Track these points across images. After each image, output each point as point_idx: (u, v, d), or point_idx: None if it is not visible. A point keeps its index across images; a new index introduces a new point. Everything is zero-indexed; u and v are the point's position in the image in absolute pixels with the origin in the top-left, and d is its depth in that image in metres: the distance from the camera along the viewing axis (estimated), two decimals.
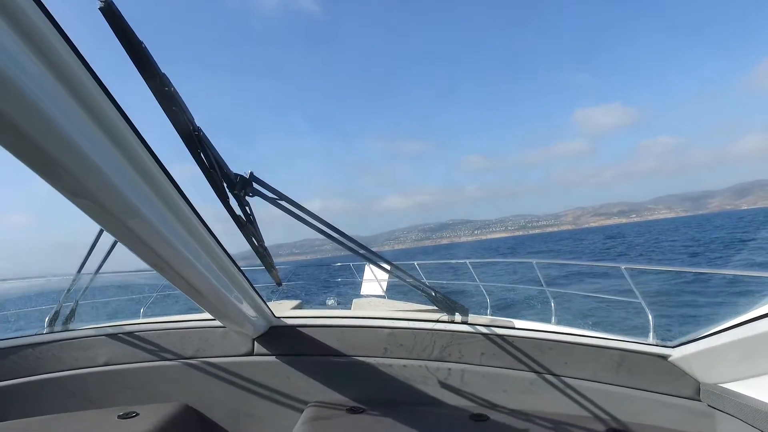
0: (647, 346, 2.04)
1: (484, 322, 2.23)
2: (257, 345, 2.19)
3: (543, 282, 5.83)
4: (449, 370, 2.13)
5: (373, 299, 7.42)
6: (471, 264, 7.15)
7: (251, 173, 1.36)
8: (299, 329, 2.23)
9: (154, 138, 1.05)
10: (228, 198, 1.34)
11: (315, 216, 1.56)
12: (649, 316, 3.93)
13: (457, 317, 2.21)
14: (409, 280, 2.05)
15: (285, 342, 2.21)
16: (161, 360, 2.17)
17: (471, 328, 2.17)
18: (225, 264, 1.66)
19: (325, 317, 2.31)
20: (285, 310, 2.44)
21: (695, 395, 1.91)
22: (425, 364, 2.15)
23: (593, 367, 2.04)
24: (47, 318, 2.44)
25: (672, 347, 1.98)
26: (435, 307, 2.29)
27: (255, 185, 1.37)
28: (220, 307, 1.75)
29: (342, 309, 6.35)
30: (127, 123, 0.96)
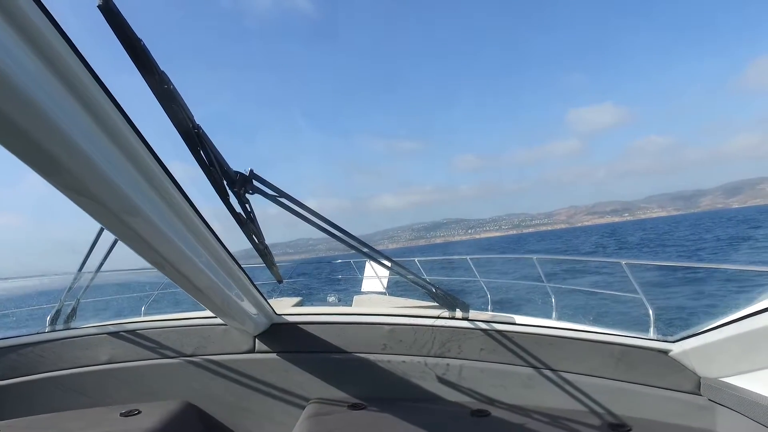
0: (648, 341, 2.04)
1: (484, 318, 2.24)
2: (258, 342, 2.20)
3: (543, 277, 5.84)
4: (450, 366, 2.13)
5: (374, 296, 7.43)
6: (471, 260, 7.16)
7: (251, 171, 1.36)
8: (300, 326, 2.23)
9: (153, 135, 1.05)
10: (228, 196, 1.34)
11: (315, 213, 1.56)
12: (650, 310, 3.94)
13: (458, 313, 2.21)
14: (410, 276, 2.06)
15: (286, 339, 2.21)
16: (163, 358, 2.17)
17: (472, 324, 2.18)
18: (225, 261, 1.67)
19: (326, 314, 2.31)
20: (286, 307, 2.44)
21: (696, 389, 1.92)
22: (426, 360, 2.15)
23: (594, 362, 2.04)
24: (49, 317, 2.45)
25: (672, 342, 1.98)
26: (436, 304, 2.29)
27: (255, 183, 1.37)
28: (221, 305, 1.75)
29: (343, 306, 6.35)
30: (127, 121, 0.96)
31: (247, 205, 1.43)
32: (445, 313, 2.24)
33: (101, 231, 2.49)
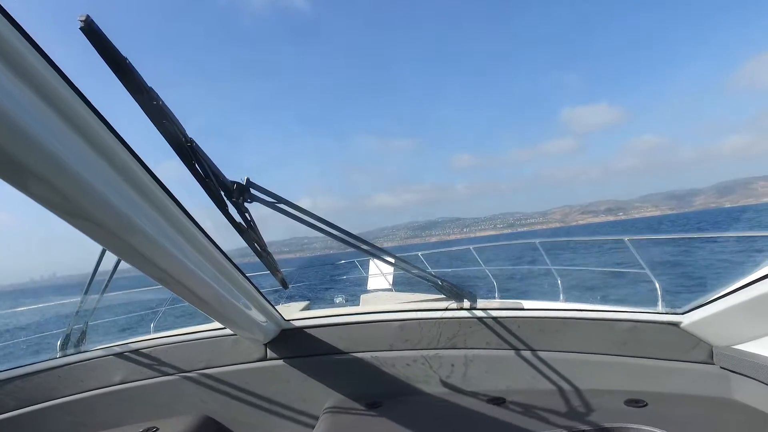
0: (657, 314, 2.04)
1: (492, 306, 2.24)
2: (269, 350, 2.20)
3: (548, 261, 5.84)
4: (462, 356, 2.14)
5: (381, 293, 7.44)
6: (474, 249, 7.16)
7: (248, 179, 1.36)
8: (310, 330, 2.23)
9: (148, 152, 1.05)
10: (227, 206, 1.33)
11: (315, 216, 1.56)
12: (657, 285, 3.94)
13: (466, 303, 2.21)
14: (415, 271, 2.05)
15: (297, 344, 2.21)
16: (176, 373, 2.18)
17: (480, 313, 2.18)
18: (230, 272, 1.66)
19: (335, 315, 2.31)
20: (294, 312, 2.44)
21: (708, 359, 1.92)
22: (438, 353, 2.15)
23: (605, 341, 2.05)
24: (59, 342, 2.44)
25: (682, 314, 1.98)
26: (443, 296, 2.29)
27: (252, 191, 1.37)
28: (229, 316, 1.75)
29: (350, 306, 6.36)
30: (118, 139, 0.96)
31: (247, 214, 1.43)
32: (453, 305, 2.24)
33: (103, 252, 2.49)
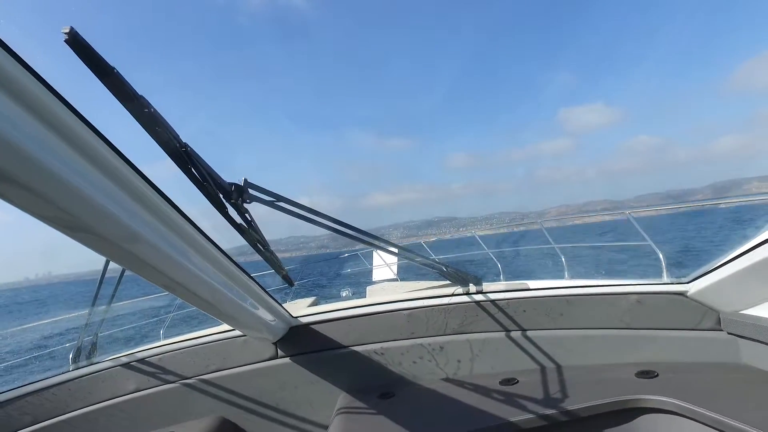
0: (663, 285, 2.05)
1: (498, 288, 2.24)
2: (279, 348, 2.21)
3: (550, 239, 5.85)
4: (471, 340, 2.15)
5: (386, 284, 7.47)
6: (479, 236, 7.18)
7: (245, 180, 1.36)
8: (318, 325, 2.24)
9: (142, 154, 1.04)
10: (226, 208, 1.33)
11: (315, 212, 1.56)
12: (660, 255, 3.95)
13: (472, 288, 2.22)
14: (419, 259, 2.06)
15: (306, 340, 2.22)
16: (189, 378, 2.19)
17: (487, 296, 2.19)
18: (234, 274, 1.67)
19: (342, 309, 2.32)
20: (301, 308, 2.45)
21: (716, 326, 1.93)
22: (447, 338, 2.17)
23: (613, 315, 2.05)
24: (71, 355, 2.46)
25: (687, 282, 1.99)
26: (448, 282, 2.30)
27: (250, 191, 1.37)
28: (236, 317, 1.76)
29: (357, 298, 6.39)
30: (112, 148, 0.95)
31: (247, 215, 1.43)
32: (459, 290, 2.25)
33: (107, 263, 2.50)
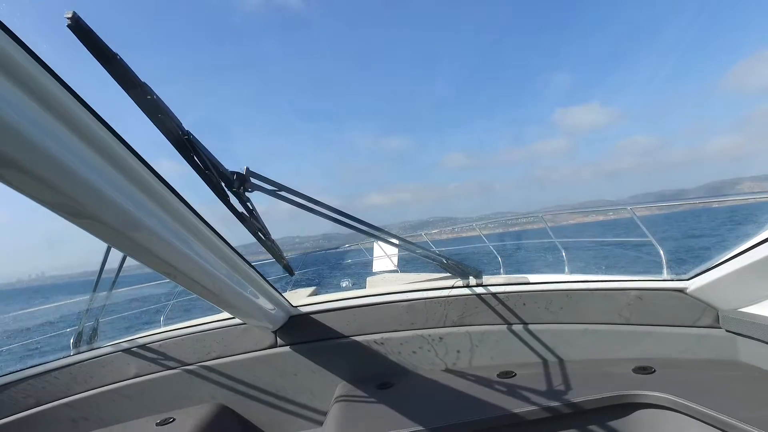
0: (662, 282, 2.05)
1: (498, 281, 2.25)
2: (279, 337, 2.22)
3: (551, 234, 5.85)
4: (470, 333, 2.16)
5: (387, 275, 7.48)
6: (479, 226, 7.18)
7: (247, 168, 1.36)
8: (318, 315, 2.25)
9: (146, 147, 1.04)
10: (228, 196, 1.34)
11: (317, 201, 1.56)
12: (661, 252, 3.94)
13: (472, 281, 2.23)
14: (420, 251, 2.06)
15: (305, 330, 2.24)
16: (188, 365, 2.21)
17: (486, 289, 2.19)
18: (235, 262, 1.67)
19: (342, 299, 2.33)
20: (301, 298, 2.46)
21: (715, 323, 1.93)
22: (446, 330, 2.18)
23: (612, 310, 2.06)
24: (72, 340, 2.48)
25: (687, 279, 1.99)
26: (448, 274, 2.30)
27: (253, 180, 1.37)
28: (237, 305, 1.77)
29: (357, 289, 6.41)
30: (115, 136, 0.96)
31: (248, 203, 1.43)
32: (459, 282, 2.25)
33: (109, 249, 2.50)
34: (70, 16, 0.74)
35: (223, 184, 1.29)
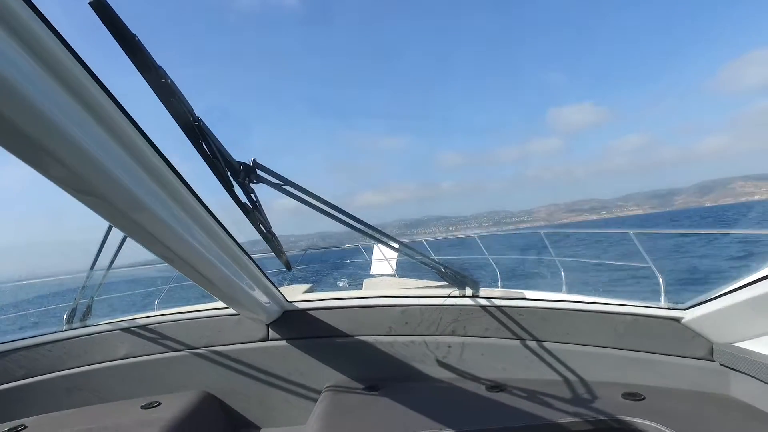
0: (659, 309, 2.04)
1: (495, 294, 2.24)
2: (272, 330, 2.22)
3: (552, 252, 5.84)
4: (463, 344, 2.15)
5: (384, 278, 7.47)
6: (479, 237, 7.17)
7: (254, 160, 1.36)
8: (312, 312, 2.25)
9: (156, 130, 1.05)
10: (233, 186, 1.34)
11: (320, 199, 1.56)
12: (660, 279, 3.94)
13: (468, 291, 2.22)
14: (419, 257, 2.06)
15: (299, 326, 2.24)
16: (179, 350, 2.21)
17: (482, 301, 2.19)
18: (234, 252, 1.68)
19: (337, 299, 2.33)
20: (297, 294, 2.46)
21: (708, 355, 1.92)
22: (439, 339, 2.17)
23: (606, 333, 2.05)
24: (65, 315, 2.49)
25: (684, 309, 1.98)
26: (445, 283, 2.30)
27: (259, 172, 1.37)
28: (232, 295, 1.77)
29: (353, 290, 6.41)
30: (127, 117, 0.96)
31: (252, 195, 1.43)
32: (456, 292, 2.25)
33: (110, 229, 2.51)
34: None
35: (229, 173, 1.29)
